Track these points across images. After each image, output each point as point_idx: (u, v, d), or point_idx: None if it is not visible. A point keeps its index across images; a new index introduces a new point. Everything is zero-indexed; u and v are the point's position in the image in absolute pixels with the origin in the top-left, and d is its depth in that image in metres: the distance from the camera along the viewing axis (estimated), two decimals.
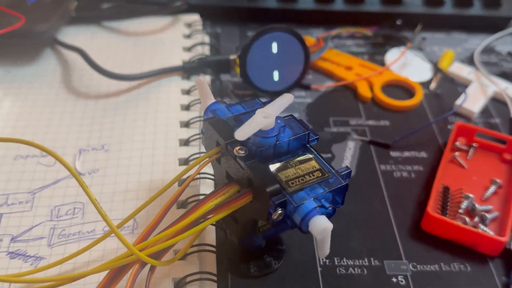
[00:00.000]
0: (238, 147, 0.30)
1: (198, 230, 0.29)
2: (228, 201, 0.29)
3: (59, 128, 0.44)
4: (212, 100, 0.35)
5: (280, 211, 0.28)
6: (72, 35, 0.54)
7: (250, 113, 0.33)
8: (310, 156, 0.31)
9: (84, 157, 0.41)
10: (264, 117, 0.29)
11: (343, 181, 0.30)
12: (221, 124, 0.32)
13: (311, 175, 0.30)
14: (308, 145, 0.32)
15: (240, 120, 0.32)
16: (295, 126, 0.32)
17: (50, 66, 0.51)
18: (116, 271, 0.28)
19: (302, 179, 0.29)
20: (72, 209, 0.37)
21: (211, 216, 0.29)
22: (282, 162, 0.30)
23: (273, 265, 0.35)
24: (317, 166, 0.31)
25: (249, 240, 0.34)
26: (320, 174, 0.30)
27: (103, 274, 0.29)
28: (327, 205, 0.29)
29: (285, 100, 0.32)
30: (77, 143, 0.42)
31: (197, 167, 0.32)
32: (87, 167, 0.40)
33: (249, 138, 0.30)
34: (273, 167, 0.30)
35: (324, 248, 0.29)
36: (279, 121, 0.31)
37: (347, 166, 0.31)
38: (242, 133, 0.29)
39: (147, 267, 0.30)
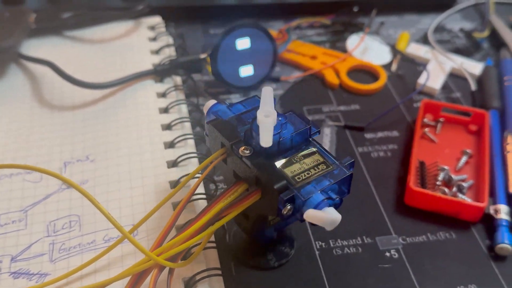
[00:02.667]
0: (243, 147, 0.31)
1: (212, 230, 0.29)
2: (238, 200, 0.30)
3: (40, 143, 0.43)
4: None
5: (289, 206, 0.29)
6: (34, 47, 0.53)
7: (251, 111, 0.34)
8: (314, 149, 0.32)
9: (70, 169, 0.41)
10: (266, 116, 0.30)
11: (347, 172, 0.31)
12: (224, 125, 0.33)
13: (316, 168, 0.31)
14: (310, 139, 0.33)
15: (241, 119, 0.33)
16: (296, 121, 0.33)
17: (18, 82, 0.50)
18: (137, 276, 0.29)
19: (308, 173, 0.31)
20: (68, 223, 0.37)
21: (223, 216, 0.30)
22: (287, 158, 0.31)
23: (290, 252, 0.37)
24: (321, 159, 0.32)
25: (261, 234, 0.35)
26: (325, 167, 0.31)
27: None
28: (334, 196, 0.30)
29: (268, 93, 0.32)
30: (60, 156, 0.42)
31: (207, 167, 0.33)
32: (76, 179, 0.40)
33: (253, 138, 0.31)
34: (278, 163, 0.31)
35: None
36: (280, 118, 0.32)
37: (350, 157, 0.32)
38: (265, 140, 0.30)
39: (166, 269, 0.31)
